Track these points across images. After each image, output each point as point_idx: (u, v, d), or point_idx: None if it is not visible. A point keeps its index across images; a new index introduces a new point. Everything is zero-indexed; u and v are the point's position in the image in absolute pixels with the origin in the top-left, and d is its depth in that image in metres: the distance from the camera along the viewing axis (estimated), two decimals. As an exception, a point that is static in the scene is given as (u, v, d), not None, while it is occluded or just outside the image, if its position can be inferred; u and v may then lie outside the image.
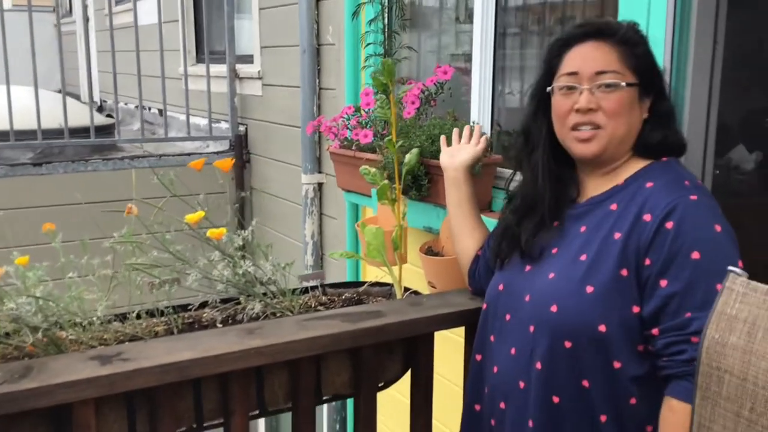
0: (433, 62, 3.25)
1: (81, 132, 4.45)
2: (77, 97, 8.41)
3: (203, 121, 4.88)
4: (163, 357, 1.45)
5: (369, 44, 2.90)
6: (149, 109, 6.32)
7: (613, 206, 1.44)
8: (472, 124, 2.63)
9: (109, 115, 6.84)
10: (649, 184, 1.42)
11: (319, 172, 3.66)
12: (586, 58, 1.46)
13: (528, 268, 1.53)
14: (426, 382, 1.77)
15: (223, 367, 1.48)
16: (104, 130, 4.87)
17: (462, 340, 1.82)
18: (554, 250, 1.50)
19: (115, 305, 1.64)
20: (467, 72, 3.02)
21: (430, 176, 2.42)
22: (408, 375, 1.80)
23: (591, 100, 1.44)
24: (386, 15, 2.86)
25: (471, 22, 3.12)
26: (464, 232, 1.83)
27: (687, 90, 1.96)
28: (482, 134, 2.04)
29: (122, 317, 1.67)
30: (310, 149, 3.60)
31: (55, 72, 8.60)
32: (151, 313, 1.70)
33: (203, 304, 1.77)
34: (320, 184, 3.67)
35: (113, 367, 1.40)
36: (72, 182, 4.04)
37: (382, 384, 1.78)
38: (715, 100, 2.02)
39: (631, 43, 1.48)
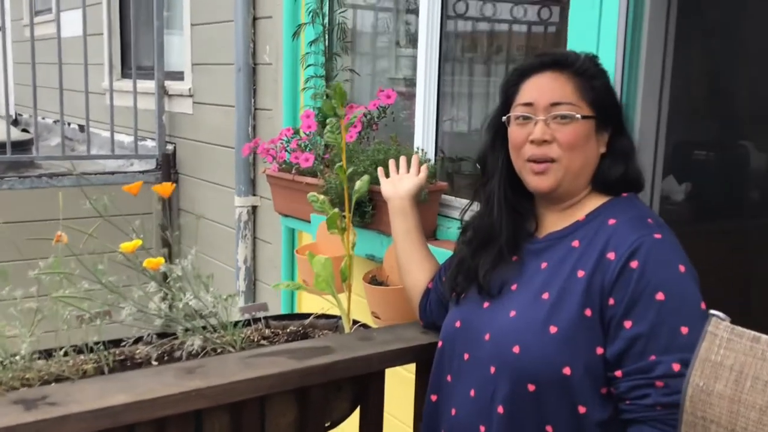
0: (372, 86, 3.20)
1: (-5, 147, 4.19)
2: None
3: (127, 139, 4.68)
4: (95, 401, 1.32)
5: (309, 65, 2.82)
6: (68, 124, 6.04)
7: (575, 243, 1.39)
8: (416, 149, 2.59)
9: (24, 130, 6.51)
10: (611, 221, 1.38)
11: (254, 195, 3.54)
12: (542, 89, 1.43)
13: (486, 304, 1.47)
14: (376, 423, 1.68)
15: (161, 411, 1.36)
16: (20, 146, 4.62)
17: (411, 376, 1.75)
18: (513, 287, 1.44)
19: (39, 341, 1.50)
20: (408, 96, 2.98)
21: (374, 203, 2.35)
22: (356, 413, 1.72)
23: (546, 131, 1.41)
24: (327, 37, 2.78)
25: (412, 46, 3.09)
26: (413, 263, 1.77)
27: (636, 121, 1.96)
28: (422, 163, 2.01)
29: (47, 354, 1.52)
30: (244, 171, 3.49)
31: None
32: (78, 350, 1.56)
33: (137, 340, 1.64)
34: (254, 207, 3.55)
35: (39, 412, 1.27)
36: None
37: (329, 424, 1.69)
38: (663, 131, 2.03)
39: (588, 75, 1.45)
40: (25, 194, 3.93)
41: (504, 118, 1.48)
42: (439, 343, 1.55)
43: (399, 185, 1.91)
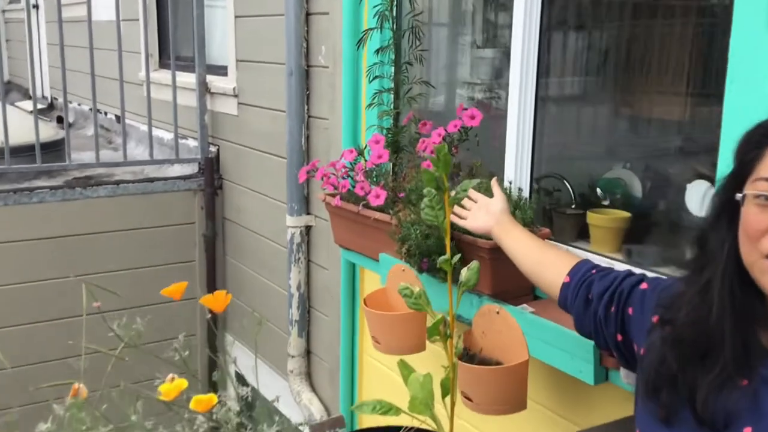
0: (444, 94, 2.77)
1: (24, 151, 3.85)
2: (25, 91, 7.71)
3: (167, 135, 4.31)
4: None
5: (376, 78, 2.39)
6: (105, 113, 5.71)
7: None
8: (507, 184, 2.17)
9: (59, 117, 6.19)
10: None
11: (308, 214, 3.15)
12: None
13: None
14: None
15: None
16: (52, 147, 4.28)
17: None
18: (747, 430, 1.03)
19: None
20: (489, 107, 2.55)
21: (462, 254, 1.94)
22: None
23: None
24: (398, 44, 2.35)
25: (492, 46, 2.65)
26: (542, 268, 1.58)
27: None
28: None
29: None
30: (297, 187, 3.09)
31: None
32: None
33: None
34: (308, 227, 3.17)
35: None
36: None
37: None
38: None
39: None
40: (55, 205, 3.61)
41: (739, 195, 1.06)
42: None
43: (490, 211, 1.76)
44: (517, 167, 2.20)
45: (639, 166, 2.25)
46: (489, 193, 1.82)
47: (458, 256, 1.33)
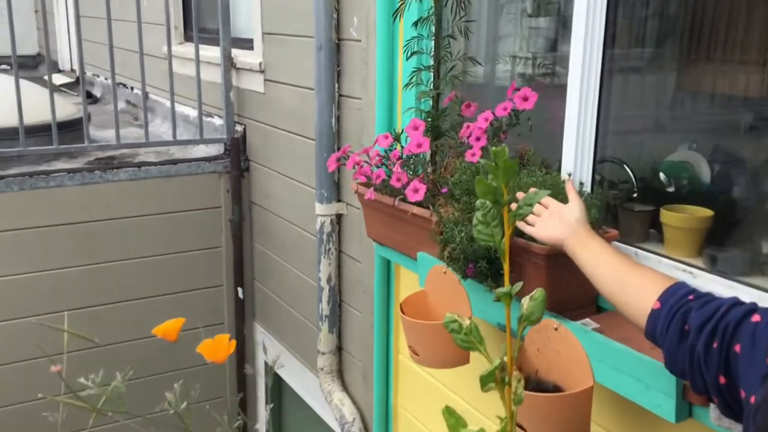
0: (490, 69, 2.48)
1: (45, 130, 3.65)
2: (54, 64, 7.54)
3: (192, 112, 4.09)
4: None
5: (413, 54, 2.12)
6: (131, 88, 5.51)
7: None
8: (567, 176, 1.89)
9: (89, 92, 6.00)
10: None
11: (338, 201, 2.90)
12: None
13: None
14: None
15: None
16: (75, 126, 4.07)
17: None
18: None
19: None
20: (539, 85, 2.26)
21: (513, 259, 1.68)
22: None
23: None
24: (439, 15, 2.07)
25: (545, 15, 2.36)
26: (626, 291, 1.32)
27: None
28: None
29: None
30: (327, 173, 2.84)
31: (28, 35, 7.72)
32: None
33: None
34: (339, 216, 2.92)
35: None
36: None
37: None
38: None
39: None
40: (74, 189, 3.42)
41: None
42: None
43: (564, 219, 1.51)
44: (577, 156, 1.91)
45: (706, 146, 1.96)
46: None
47: (519, 284, 1.07)
